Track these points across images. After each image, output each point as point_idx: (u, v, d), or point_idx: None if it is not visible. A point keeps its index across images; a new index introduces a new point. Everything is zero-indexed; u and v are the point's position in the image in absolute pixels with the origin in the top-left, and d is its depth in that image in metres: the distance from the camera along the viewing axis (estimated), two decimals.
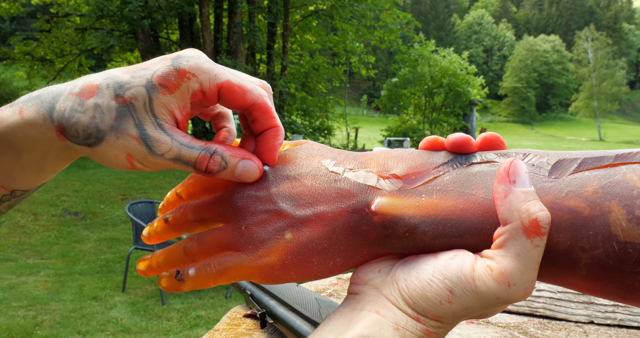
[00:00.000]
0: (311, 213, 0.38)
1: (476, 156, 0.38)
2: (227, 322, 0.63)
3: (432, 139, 0.40)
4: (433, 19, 72.74)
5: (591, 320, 0.68)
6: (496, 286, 0.33)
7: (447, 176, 0.37)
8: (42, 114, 0.38)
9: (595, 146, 35.16)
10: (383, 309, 0.35)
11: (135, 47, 13.93)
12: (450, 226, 0.35)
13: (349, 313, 0.36)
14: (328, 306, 0.54)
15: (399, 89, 18.35)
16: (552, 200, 0.34)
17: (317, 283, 0.82)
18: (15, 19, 42.54)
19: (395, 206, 0.36)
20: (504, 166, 0.34)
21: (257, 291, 0.62)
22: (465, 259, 0.34)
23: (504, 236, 0.33)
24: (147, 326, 3.80)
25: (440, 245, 0.35)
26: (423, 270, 0.35)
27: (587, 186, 0.33)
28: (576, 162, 0.35)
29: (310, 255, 0.38)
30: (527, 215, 0.32)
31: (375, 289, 0.36)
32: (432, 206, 0.36)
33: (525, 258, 0.32)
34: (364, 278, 0.38)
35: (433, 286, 0.34)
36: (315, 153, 0.42)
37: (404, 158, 0.39)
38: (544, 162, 0.36)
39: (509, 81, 61.61)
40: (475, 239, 0.35)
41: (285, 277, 0.39)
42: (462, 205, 0.35)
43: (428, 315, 0.34)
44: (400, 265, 0.37)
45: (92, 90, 0.38)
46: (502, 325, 0.67)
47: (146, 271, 0.44)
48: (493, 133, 0.38)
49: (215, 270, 0.39)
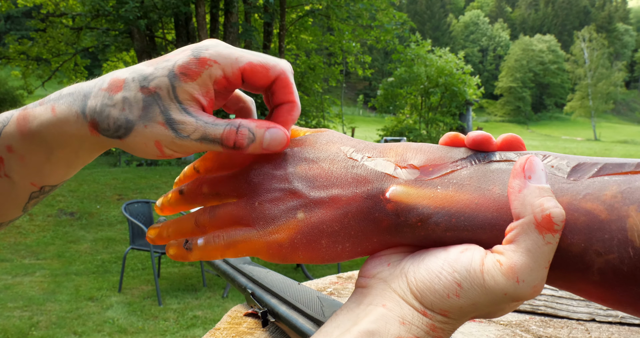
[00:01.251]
0: (325, 195, 0.38)
1: (495, 154, 0.38)
2: (227, 321, 0.63)
3: (452, 135, 0.40)
4: (429, 19, 72.82)
5: (593, 318, 0.68)
6: (504, 282, 0.32)
7: (465, 171, 0.37)
8: (75, 111, 0.39)
9: (590, 145, 35.29)
10: (390, 302, 0.35)
11: (131, 47, 13.90)
12: (463, 219, 0.35)
13: (356, 308, 0.36)
14: (330, 304, 0.53)
15: (395, 89, 18.37)
16: (569, 201, 0.33)
17: (318, 282, 0.82)
18: (10, 18, 42.37)
19: (410, 195, 0.36)
20: (520, 162, 0.34)
21: (258, 290, 0.61)
22: (475, 253, 0.34)
23: (516, 230, 0.33)
24: (144, 326, 3.79)
25: (451, 238, 0.35)
26: (432, 262, 0.35)
27: (606, 190, 0.33)
28: (596, 166, 0.34)
29: (320, 237, 0.38)
30: (540, 209, 0.32)
31: (384, 282, 0.36)
32: (447, 198, 0.36)
33: (536, 254, 0.32)
34: (372, 271, 0.37)
35: (441, 278, 0.34)
36: (336, 140, 0.42)
37: (423, 150, 0.39)
38: (563, 164, 0.35)
39: (504, 80, 61.78)
40: (487, 234, 0.34)
41: (292, 257, 0.39)
42: (477, 200, 0.35)
43: (435, 309, 0.34)
44: (410, 259, 0.36)
45: (120, 84, 0.39)
46: (504, 323, 0.67)
47: (155, 239, 0.45)
48: (513, 134, 0.38)
49: (224, 241, 0.40)
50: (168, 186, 9.39)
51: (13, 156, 0.41)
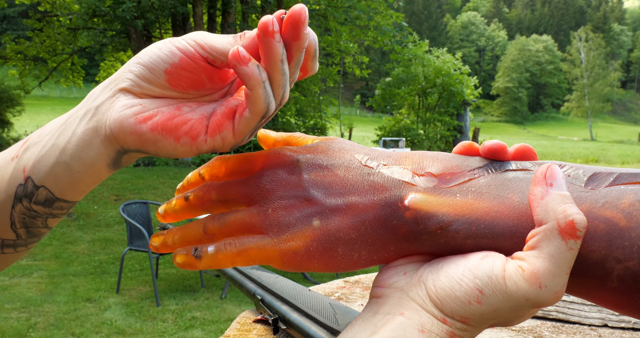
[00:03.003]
0: (342, 203, 0.38)
1: (511, 163, 0.38)
2: (237, 328, 0.62)
3: (467, 144, 0.40)
4: (426, 19, 72.92)
5: (605, 323, 0.68)
6: (527, 287, 0.32)
7: (482, 179, 0.37)
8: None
9: (587, 145, 35.39)
10: (408, 311, 0.34)
11: (128, 47, 13.86)
12: (483, 227, 0.35)
13: (372, 318, 0.35)
14: (344, 311, 0.52)
15: (393, 89, 18.38)
16: (588, 209, 0.34)
17: (325, 287, 0.81)
18: (6, 17, 42.26)
19: (429, 203, 0.36)
20: (541, 170, 0.35)
21: (267, 296, 0.60)
22: (496, 260, 0.34)
23: (539, 236, 0.33)
24: (142, 327, 3.78)
25: (470, 245, 0.35)
26: (452, 269, 0.34)
27: (623, 198, 0.33)
28: (612, 176, 0.35)
29: (336, 245, 0.37)
30: (563, 216, 0.32)
31: (400, 291, 0.36)
32: (466, 206, 0.36)
33: (559, 260, 0.32)
34: (388, 281, 0.37)
35: (463, 285, 0.33)
36: (348, 148, 0.41)
37: (439, 158, 0.39)
38: (579, 173, 0.36)
39: (501, 81, 61.96)
40: (508, 242, 0.35)
41: (307, 265, 0.38)
42: (497, 207, 0.35)
43: (455, 316, 0.34)
44: (428, 267, 0.36)
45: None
46: (516, 329, 0.66)
47: (159, 248, 0.43)
48: (526, 145, 0.39)
49: (236, 249, 0.39)
50: (165, 187, 9.37)
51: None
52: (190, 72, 0.38)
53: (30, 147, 0.40)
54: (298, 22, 0.36)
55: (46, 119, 28.02)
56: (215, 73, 0.40)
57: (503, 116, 61.85)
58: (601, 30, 70.96)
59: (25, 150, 0.40)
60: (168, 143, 0.38)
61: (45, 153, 0.39)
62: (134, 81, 0.38)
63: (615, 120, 67.18)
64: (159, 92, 0.39)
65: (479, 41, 72.76)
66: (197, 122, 0.39)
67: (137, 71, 0.38)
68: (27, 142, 0.41)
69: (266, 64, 0.37)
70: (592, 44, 57.94)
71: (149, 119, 0.38)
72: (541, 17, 79.92)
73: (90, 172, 0.39)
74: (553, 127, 59.01)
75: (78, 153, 0.38)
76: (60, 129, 0.40)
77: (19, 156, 0.41)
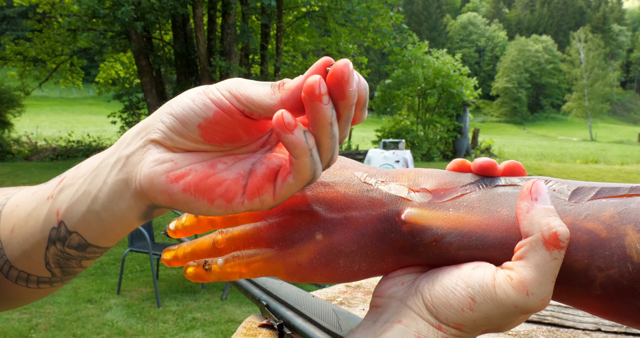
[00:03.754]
0: (343, 217, 0.40)
1: (501, 179, 0.40)
2: (242, 333, 0.64)
3: (459, 161, 0.43)
4: (425, 20, 72.90)
5: (598, 328, 0.70)
6: (515, 295, 0.35)
7: (474, 194, 0.39)
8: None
9: (586, 145, 35.40)
10: (406, 319, 0.37)
11: (128, 48, 13.87)
12: (475, 239, 0.37)
13: (372, 326, 0.38)
14: (346, 317, 0.54)
15: (393, 90, 18.38)
16: (572, 221, 0.36)
17: (327, 291, 0.83)
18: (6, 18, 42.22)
19: (424, 217, 0.39)
20: (527, 185, 0.37)
21: (272, 302, 0.62)
22: (487, 269, 0.36)
23: (525, 247, 0.35)
24: (143, 328, 3.79)
25: (463, 257, 0.38)
26: (446, 279, 0.37)
27: (604, 211, 0.36)
28: (594, 190, 0.38)
29: (337, 257, 0.40)
30: (547, 228, 0.35)
31: (399, 301, 0.38)
32: (459, 220, 0.38)
33: (544, 269, 0.34)
34: (387, 291, 0.39)
35: (456, 293, 0.36)
36: (348, 166, 0.44)
37: (433, 175, 0.42)
38: (564, 188, 0.38)
39: (500, 81, 61.92)
40: (497, 252, 0.37)
41: (310, 277, 0.41)
42: (487, 221, 0.38)
43: (450, 323, 0.36)
44: (424, 277, 0.39)
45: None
46: (512, 333, 0.68)
47: (171, 261, 0.45)
48: (516, 162, 0.41)
49: (243, 262, 0.41)
50: None
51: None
52: (225, 127, 0.36)
53: (65, 189, 0.39)
54: (342, 81, 0.33)
55: (46, 119, 27.93)
56: (252, 125, 0.37)
57: (503, 117, 61.86)
58: (600, 30, 70.98)
59: (60, 191, 0.39)
60: (201, 204, 0.36)
61: (77, 198, 0.38)
62: (165, 133, 0.36)
63: (614, 120, 67.18)
64: (192, 146, 0.36)
65: (478, 42, 72.78)
66: (232, 183, 0.37)
67: (168, 123, 0.36)
68: (62, 181, 0.40)
69: (314, 128, 0.34)
70: (592, 44, 57.95)
71: (181, 178, 0.36)
72: (541, 18, 79.94)
73: (121, 223, 0.38)
74: (553, 127, 59.01)
75: (109, 204, 0.37)
76: (92, 175, 0.38)
77: (54, 196, 0.40)
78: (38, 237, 0.40)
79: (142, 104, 14.17)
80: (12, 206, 0.43)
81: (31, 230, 0.40)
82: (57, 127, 22.46)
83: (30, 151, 13.46)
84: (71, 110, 36.80)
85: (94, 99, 41.99)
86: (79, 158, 12.89)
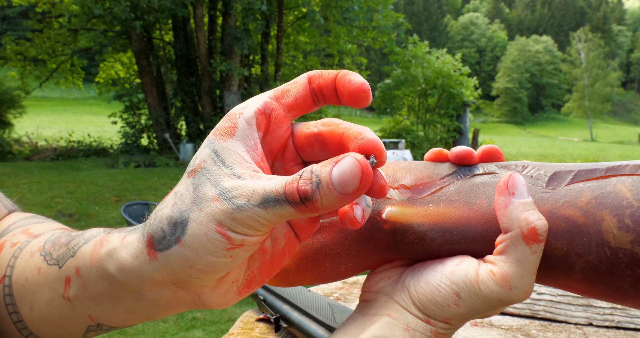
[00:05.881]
0: (325, 221, 0.41)
1: (478, 167, 0.41)
2: (240, 326, 0.65)
3: (436, 151, 0.43)
4: (426, 20, 72.91)
5: (590, 322, 0.71)
6: (498, 289, 0.36)
7: (452, 186, 0.40)
8: (138, 235, 0.36)
9: (587, 145, 35.39)
10: (394, 312, 0.38)
11: (128, 48, 13.89)
12: (456, 233, 0.38)
13: (362, 318, 0.39)
14: (341, 310, 0.56)
15: (393, 91, 18.39)
16: (550, 210, 0.37)
17: (324, 287, 0.84)
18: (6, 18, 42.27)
19: (405, 215, 0.39)
20: (503, 179, 0.38)
21: (269, 296, 0.64)
22: (469, 265, 0.37)
23: (505, 243, 0.36)
24: (143, 328, 3.81)
25: (446, 251, 0.39)
26: (431, 276, 0.38)
27: (581, 196, 0.36)
28: (571, 174, 0.38)
29: (323, 260, 0.41)
30: (525, 223, 0.35)
31: (387, 295, 0.39)
32: (439, 215, 0.39)
33: (525, 263, 0.36)
34: (375, 287, 0.41)
35: (441, 291, 0.37)
36: None
37: (411, 169, 0.42)
38: (541, 174, 0.39)
39: (501, 81, 61.91)
40: (479, 245, 0.38)
41: (299, 280, 0.42)
42: (467, 214, 0.38)
43: (437, 318, 0.37)
44: (409, 272, 0.40)
45: (173, 189, 0.36)
46: (505, 328, 0.69)
47: None
48: (493, 145, 0.42)
49: None
50: (166, 188, 9.39)
51: (78, 280, 0.39)
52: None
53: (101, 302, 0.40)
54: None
55: (47, 119, 27.91)
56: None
57: (503, 117, 61.83)
58: (601, 30, 70.95)
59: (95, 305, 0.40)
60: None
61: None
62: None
63: (615, 121, 67.14)
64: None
65: (479, 42, 72.77)
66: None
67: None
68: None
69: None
70: (592, 44, 57.93)
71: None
72: (541, 18, 79.93)
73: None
74: (553, 127, 58.98)
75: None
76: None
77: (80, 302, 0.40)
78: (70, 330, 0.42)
79: (143, 104, 14.17)
80: (20, 278, 0.43)
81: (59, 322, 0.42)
82: (58, 127, 22.46)
83: (31, 151, 13.47)
84: (72, 110, 36.77)
85: (94, 99, 41.96)
86: (80, 158, 12.88)
